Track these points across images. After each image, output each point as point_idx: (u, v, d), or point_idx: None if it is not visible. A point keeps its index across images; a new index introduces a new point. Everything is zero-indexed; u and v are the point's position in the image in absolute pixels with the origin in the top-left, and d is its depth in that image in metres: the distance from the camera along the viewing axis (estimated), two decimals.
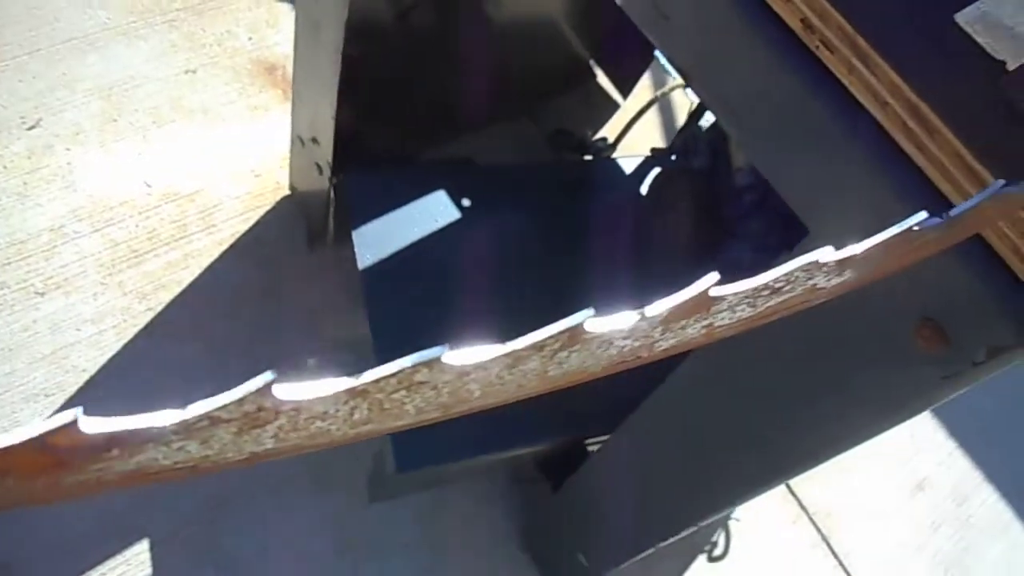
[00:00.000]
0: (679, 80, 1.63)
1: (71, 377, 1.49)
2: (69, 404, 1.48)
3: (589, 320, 0.28)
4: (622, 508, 1.11)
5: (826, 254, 0.39)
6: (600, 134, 1.91)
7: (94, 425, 0.23)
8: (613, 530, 1.16)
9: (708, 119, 1.28)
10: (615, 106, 1.98)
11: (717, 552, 1.67)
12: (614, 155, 1.74)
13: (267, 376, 0.24)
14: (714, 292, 0.33)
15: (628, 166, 1.39)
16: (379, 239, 1.15)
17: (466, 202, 1.24)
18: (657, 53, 1.69)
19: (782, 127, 0.57)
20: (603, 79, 1.97)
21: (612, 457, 1.06)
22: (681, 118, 2.14)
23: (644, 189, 1.32)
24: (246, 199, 1.74)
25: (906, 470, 1.91)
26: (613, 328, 0.28)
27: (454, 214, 1.22)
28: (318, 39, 1.18)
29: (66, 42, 1.81)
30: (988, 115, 0.50)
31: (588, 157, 1.81)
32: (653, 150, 1.41)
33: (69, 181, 1.66)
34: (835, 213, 0.57)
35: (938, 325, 0.52)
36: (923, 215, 0.42)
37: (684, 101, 2.14)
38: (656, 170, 1.34)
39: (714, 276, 0.35)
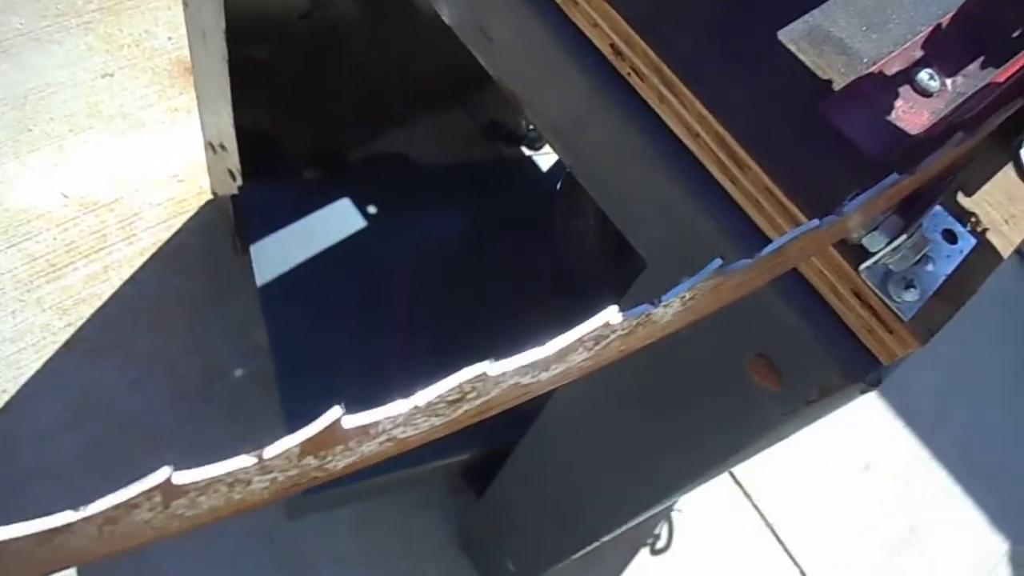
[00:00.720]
0: None
1: None
2: None
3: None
4: (536, 519, 1.09)
5: (614, 316, 0.36)
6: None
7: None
8: (532, 538, 1.14)
9: None
10: None
11: (660, 545, 1.66)
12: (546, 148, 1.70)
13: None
14: (481, 373, 0.30)
15: (545, 163, 1.35)
16: (277, 254, 1.11)
17: (372, 209, 1.20)
18: None
19: (607, 156, 0.54)
20: None
21: (517, 471, 1.04)
22: None
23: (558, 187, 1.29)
24: (168, 205, 1.69)
25: (852, 452, 1.91)
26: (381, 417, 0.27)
27: (359, 223, 1.19)
28: (206, 46, 1.14)
29: None
30: (806, 143, 0.47)
31: (523, 149, 1.77)
32: None
33: None
34: (667, 245, 0.54)
35: (771, 361, 0.50)
36: (717, 263, 0.39)
37: None
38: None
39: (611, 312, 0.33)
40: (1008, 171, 0.50)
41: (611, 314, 0.36)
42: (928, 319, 0.43)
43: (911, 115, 0.49)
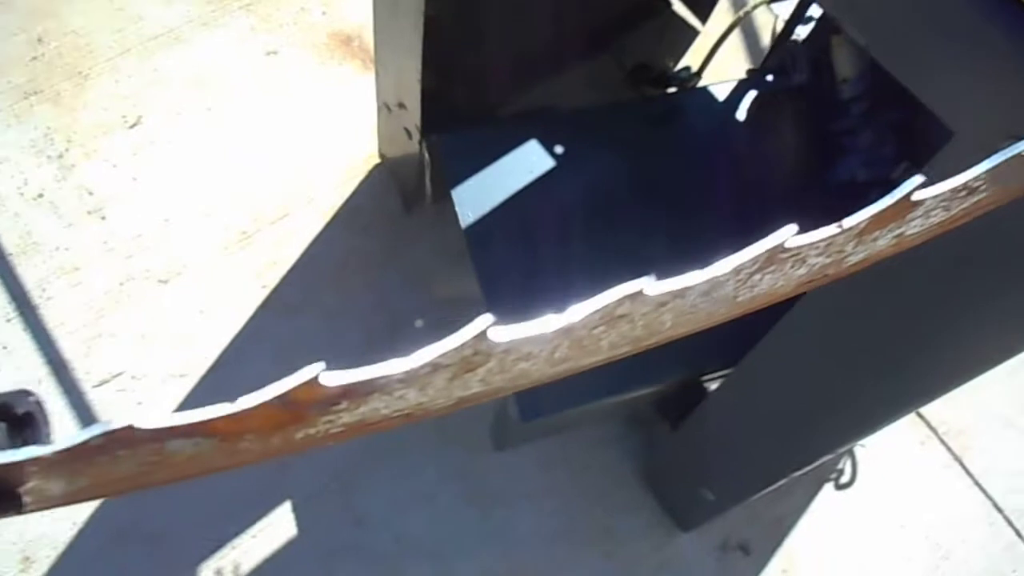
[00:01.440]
0: None
1: (200, 358, 1.58)
2: (201, 384, 1.57)
3: (791, 238, 0.28)
4: (749, 442, 1.10)
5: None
6: (682, 64, 1.85)
7: (332, 379, 0.24)
8: (740, 464, 1.15)
9: (803, 33, 1.22)
10: (694, 33, 1.90)
11: (844, 480, 1.64)
12: (700, 84, 1.69)
13: (486, 319, 0.24)
14: (917, 196, 0.31)
15: (721, 93, 1.34)
16: (478, 196, 1.16)
17: (559, 149, 1.23)
18: None
19: (915, 24, 0.53)
20: (679, 6, 1.90)
21: (736, 391, 1.04)
22: (765, 38, 2.05)
23: (741, 114, 1.28)
24: (340, 171, 1.78)
25: None
26: (811, 242, 0.28)
27: (549, 163, 1.22)
28: (397, 5, 1.18)
29: (154, 38, 1.88)
30: None
31: (672, 89, 1.75)
32: (749, 71, 1.35)
33: (175, 173, 1.73)
34: (981, 111, 0.53)
35: None
36: None
37: (767, 20, 2.04)
38: (752, 93, 1.29)
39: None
40: None
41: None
42: None
43: None
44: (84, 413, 1.53)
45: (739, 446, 1.12)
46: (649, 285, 0.25)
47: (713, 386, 1.21)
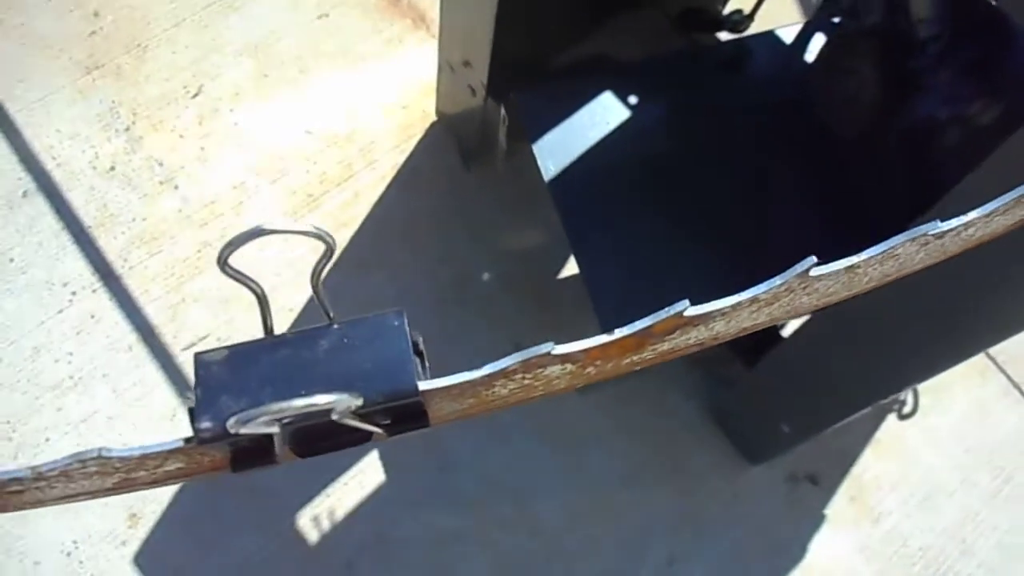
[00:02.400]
0: None
1: (281, 317, 1.65)
2: None
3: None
4: (830, 377, 1.14)
5: None
6: (732, 6, 1.85)
7: (693, 310, 0.28)
8: (819, 398, 1.20)
9: None
10: None
11: (907, 410, 1.69)
12: (753, 28, 1.69)
13: (809, 261, 0.28)
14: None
15: (788, 36, 1.35)
16: (558, 149, 1.19)
17: (632, 100, 1.25)
18: None
19: None
20: None
21: (822, 329, 1.09)
22: None
23: (809, 57, 1.29)
24: (398, 131, 1.81)
25: None
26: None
27: (624, 114, 1.24)
28: None
29: (207, 7, 1.90)
30: None
31: (723, 34, 1.75)
32: (820, 8, 1.34)
33: (239, 140, 1.78)
34: None
35: None
36: None
37: None
38: (819, 36, 1.29)
39: None
40: None
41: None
42: None
43: None
44: (175, 375, 1.60)
45: (820, 381, 1.17)
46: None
47: (788, 327, 1.26)
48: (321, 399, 0.30)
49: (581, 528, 1.55)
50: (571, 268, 1.73)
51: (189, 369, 1.60)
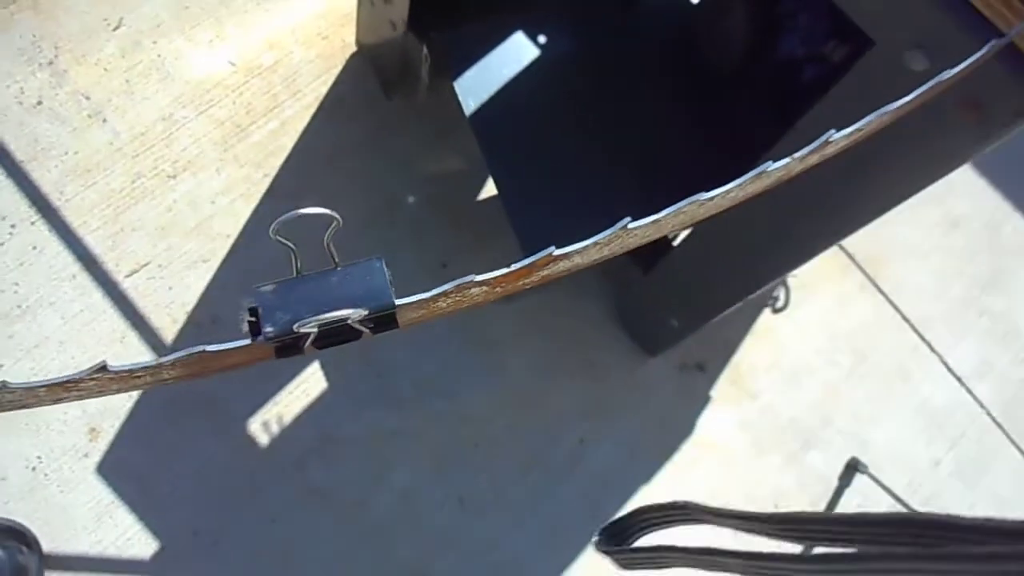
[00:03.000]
0: None
1: (219, 243, 1.76)
2: (223, 267, 1.75)
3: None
4: (709, 277, 1.36)
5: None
6: None
7: (559, 252, 0.45)
8: (702, 295, 1.42)
9: None
10: None
11: (779, 305, 1.95)
12: None
13: (627, 221, 0.45)
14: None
15: None
16: (477, 86, 1.33)
17: (541, 38, 1.40)
18: None
19: None
20: None
21: (698, 240, 1.30)
22: None
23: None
24: (320, 61, 1.90)
25: (942, 210, 2.14)
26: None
27: (535, 51, 1.39)
28: None
29: None
30: None
31: None
32: None
33: (164, 72, 1.83)
34: (898, 26, 0.75)
35: (976, 101, 0.72)
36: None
37: None
38: None
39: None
40: None
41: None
42: None
43: None
44: (120, 301, 1.71)
45: (700, 281, 1.39)
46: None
47: (679, 238, 1.47)
48: (345, 312, 0.46)
49: (503, 417, 1.77)
50: (489, 190, 1.89)
51: (134, 295, 1.71)
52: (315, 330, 0.45)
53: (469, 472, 1.75)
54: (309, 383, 1.73)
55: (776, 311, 1.96)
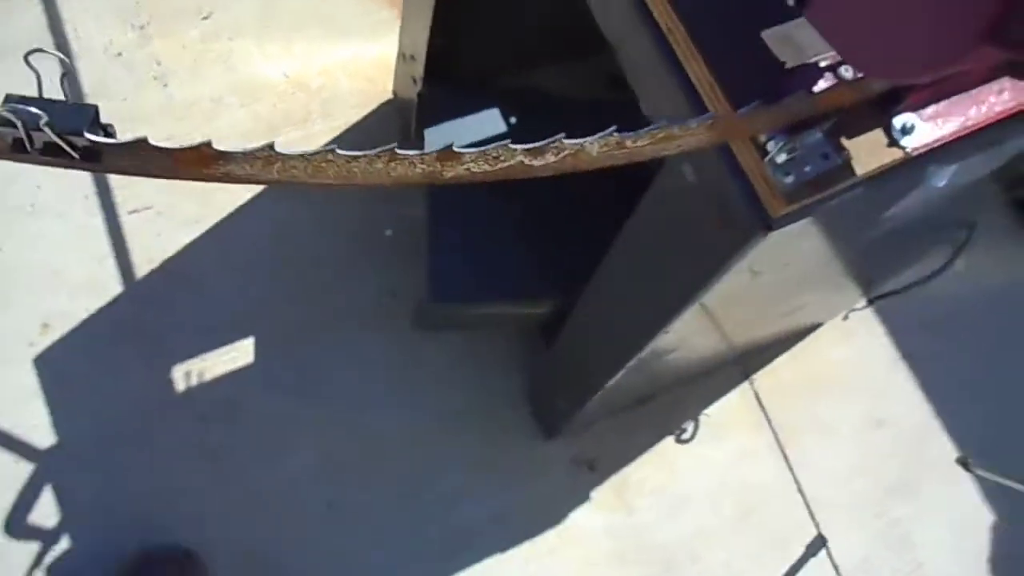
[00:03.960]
0: None
1: (212, 212, 2.00)
2: (207, 233, 1.99)
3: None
4: (580, 357, 1.51)
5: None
6: None
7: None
8: (577, 375, 1.57)
9: None
10: None
11: (685, 436, 2.05)
12: None
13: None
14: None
15: None
16: (440, 139, 1.55)
17: (513, 120, 1.62)
18: None
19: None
20: None
21: (574, 319, 1.46)
22: None
23: None
24: (359, 97, 2.18)
25: (871, 405, 2.22)
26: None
27: (501, 128, 1.61)
28: None
29: None
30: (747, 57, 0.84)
31: None
32: None
33: (229, 64, 2.14)
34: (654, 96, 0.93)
35: (724, 217, 0.88)
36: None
37: None
38: None
39: None
40: (879, 132, 0.85)
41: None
42: (794, 196, 0.81)
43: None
44: (115, 232, 1.95)
45: (575, 362, 1.54)
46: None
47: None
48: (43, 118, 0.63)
49: (399, 443, 1.90)
50: None
51: (128, 229, 1.95)
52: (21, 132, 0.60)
53: (348, 481, 1.87)
54: (239, 353, 1.91)
55: (680, 441, 2.05)
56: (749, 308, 1.34)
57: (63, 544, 1.71)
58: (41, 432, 1.78)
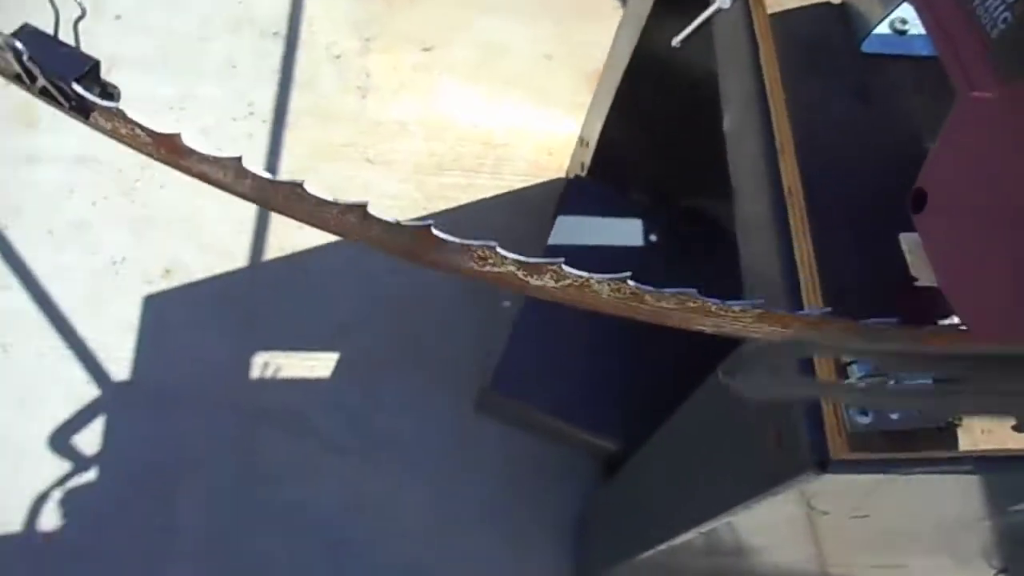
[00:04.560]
0: None
1: None
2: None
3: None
4: (628, 511, 1.33)
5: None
6: None
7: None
8: (622, 525, 1.38)
9: None
10: None
11: None
12: None
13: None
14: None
15: None
16: (573, 230, 1.46)
17: (653, 238, 1.50)
18: None
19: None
20: None
21: (632, 467, 1.28)
22: None
23: None
24: (532, 166, 2.15)
25: None
26: None
27: (638, 241, 1.49)
28: (613, 57, 1.50)
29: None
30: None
31: None
32: None
33: (431, 96, 2.19)
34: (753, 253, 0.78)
35: (780, 433, 0.71)
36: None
37: None
38: None
39: None
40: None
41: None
42: (866, 443, 0.62)
43: None
44: (263, 210, 2.02)
45: (621, 512, 1.35)
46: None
47: None
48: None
49: (408, 522, 1.78)
50: None
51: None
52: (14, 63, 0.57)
53: (335, 526, 1.76)
54: (317, 364, 1.89)
55: None
56: (821, 547, 1.11)
57: (89, 475, 1.75)
58: (120, 366, 1.84)
